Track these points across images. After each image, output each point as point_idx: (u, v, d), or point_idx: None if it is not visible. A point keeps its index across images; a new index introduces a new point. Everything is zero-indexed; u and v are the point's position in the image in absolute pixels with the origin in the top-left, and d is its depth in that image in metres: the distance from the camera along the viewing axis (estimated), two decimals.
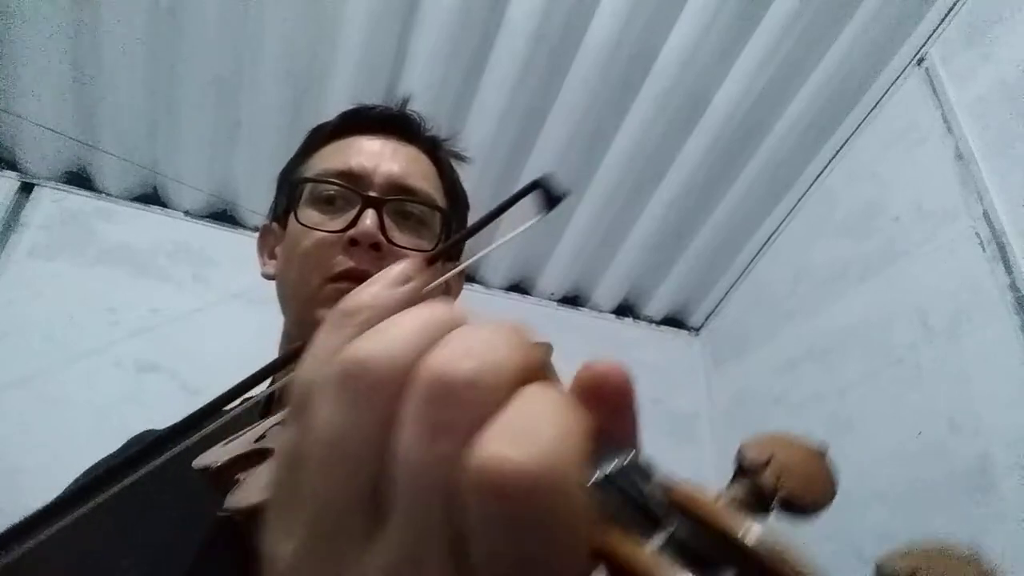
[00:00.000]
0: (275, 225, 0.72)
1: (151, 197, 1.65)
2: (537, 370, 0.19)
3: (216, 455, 0.51)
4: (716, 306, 1.90)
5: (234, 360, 0.73)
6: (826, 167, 1.59)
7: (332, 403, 0.18)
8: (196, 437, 0.34)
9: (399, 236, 0.62)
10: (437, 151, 0.73)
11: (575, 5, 1.36)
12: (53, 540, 0.29)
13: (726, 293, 1.87)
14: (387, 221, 0.62)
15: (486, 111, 1.48)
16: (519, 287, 1.87)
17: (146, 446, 0.31)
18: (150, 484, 0.35)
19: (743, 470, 0.19)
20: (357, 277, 0.59)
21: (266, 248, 0.74)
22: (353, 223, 0.60)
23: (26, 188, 1.57)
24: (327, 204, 0.64)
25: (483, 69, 1.44)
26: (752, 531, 0.16)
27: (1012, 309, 1.07)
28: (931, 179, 1.28)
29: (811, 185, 1.63)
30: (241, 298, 1.51)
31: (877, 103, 1.47)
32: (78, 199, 1.59)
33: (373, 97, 1.48)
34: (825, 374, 1.42)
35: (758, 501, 0.18)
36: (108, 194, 1.61)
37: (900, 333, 1.26)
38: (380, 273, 0.23)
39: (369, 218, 0.60)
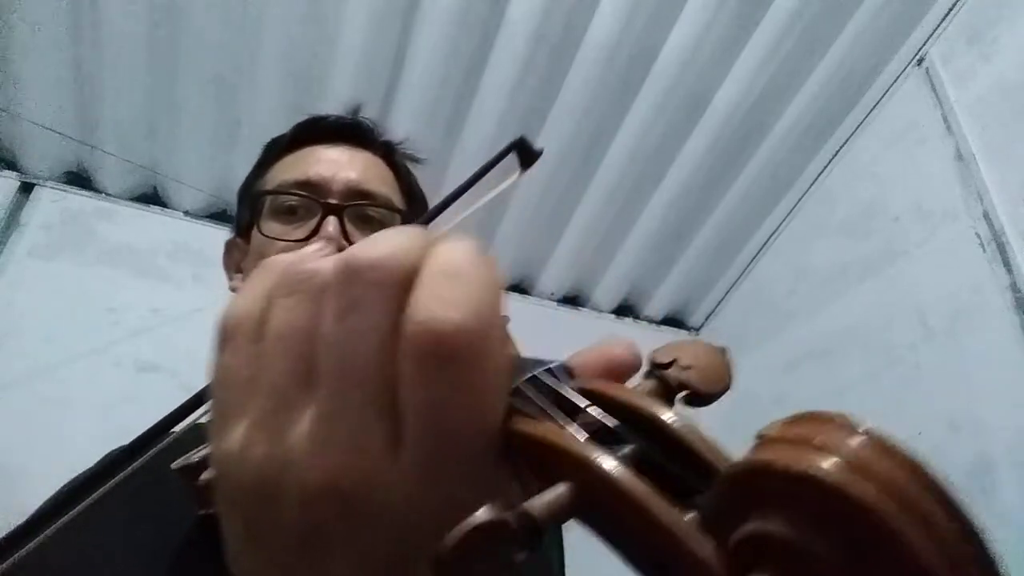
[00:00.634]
0: (239, 240, 0.74)
1: (151, 197, 1.65)
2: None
3: (191, 457, 0.52)
4: (716, 306, 1.90)
5: None
6: (826, 167, 1.59)
7: (284, 305, 0.21)
8: (164, 443, 0.35)
9: (360, 239, 0.63)
10: (392, 155, 0.75)
11: (575, 5, 1.36)
12: (35, 553, 0.30)
13: (726, 293, 1.87)
14: (349, 227, 0.63)
15: (486, 111, 1.48)
16: (519, 287, 1.87)
17: (112, 459, 0.33)
18: (127, 492, 0.36)
19: (651, 369, 0.21)
20: None
21: (232, 263, 0.76)
22: (315, 231, 0.62)
23: (26, 188, 1.57)
24: (289, 215, 0.65)
25: (483, 69, 1.44)
26: (659, 407, 0.18)
27: (1012, 309, 1.07)
28: (931, 179, 1.28)
29: (811, 185, 1.63)
30: None
31: (877, 103, 1.47)
32: (78, 199, 1.59)
33: (372, 98, 1.49)
34: (825, 374, 1.42)
35: (664, 394, 0.20)
36: (108, 194, 1.61)
37: (900, 333, 1.26)
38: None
39: (331, 225, 0.62)
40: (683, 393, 0.21)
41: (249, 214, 0.68)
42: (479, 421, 0.19)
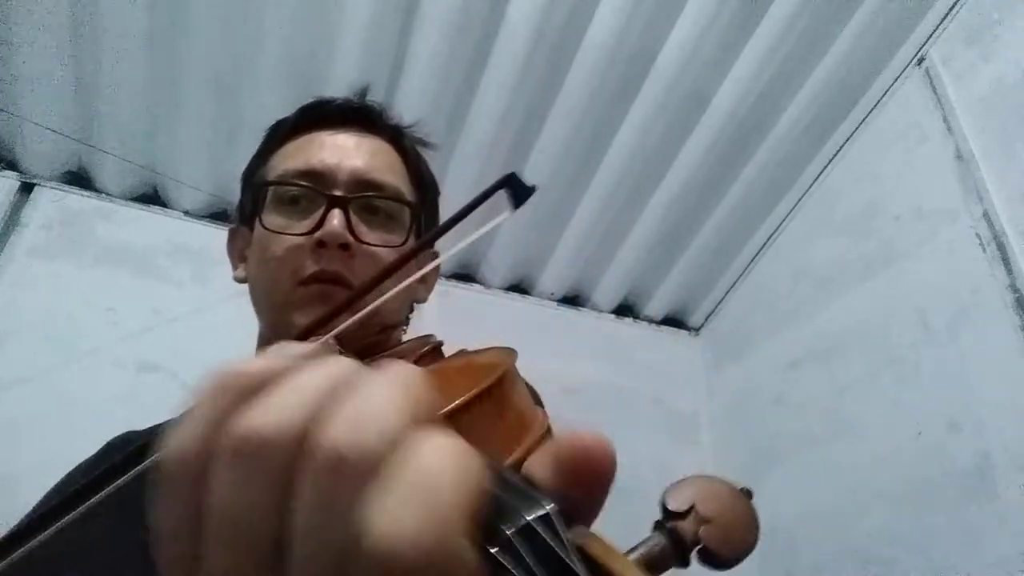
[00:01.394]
0: (242, 228, 0.71)
1: (151, 197, 1.65)
2: (429, 420, 0.19)
3: None
4: (716, 306, 1.90)
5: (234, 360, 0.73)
6: (826, 167, 1.59)
7: (228, 479, 0.18)
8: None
9: (367, 234, 0.61)
10: (401, 139, 0.71)
11: (575, 5, 1.36)
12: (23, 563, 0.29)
13: (726, 293, 1.87)
14: (354, 219, 0.60)
15: (486, 111, 1.48)
16: (519, 287, 1.87)
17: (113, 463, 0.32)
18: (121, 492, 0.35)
19: (664, 516, 0.19)
20: (327, 279, 0.59)
21: (235, 251, 0.73)
22: (319, 224, 0.59)
23: (26, 188, 1.57)
24: (292, 205, 0.62)
25: (483, 69, 1.44)
26: None
27: (1012, 309, 1.07)
28: (931, 179, 1.28)
29: (811, 185, 1.63)
30: (241, 298, 1.50)
31: (877, 103, 1.47)
32: (78, 199, 1.59)
33: (372, 97, 1.48)
34: (825, 374, 1.42)
35: (678, 551, 0.18)
36: (108, 194, 1.61)
37: (900, 333, 1.26)
38: (273, 349, 0.23)
39: (336, 218, 0.59)
40: (699, 547, 0.18)
41: (252, 204, 0.66)
42: None
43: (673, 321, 1.96)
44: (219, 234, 1.65)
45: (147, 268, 1.57)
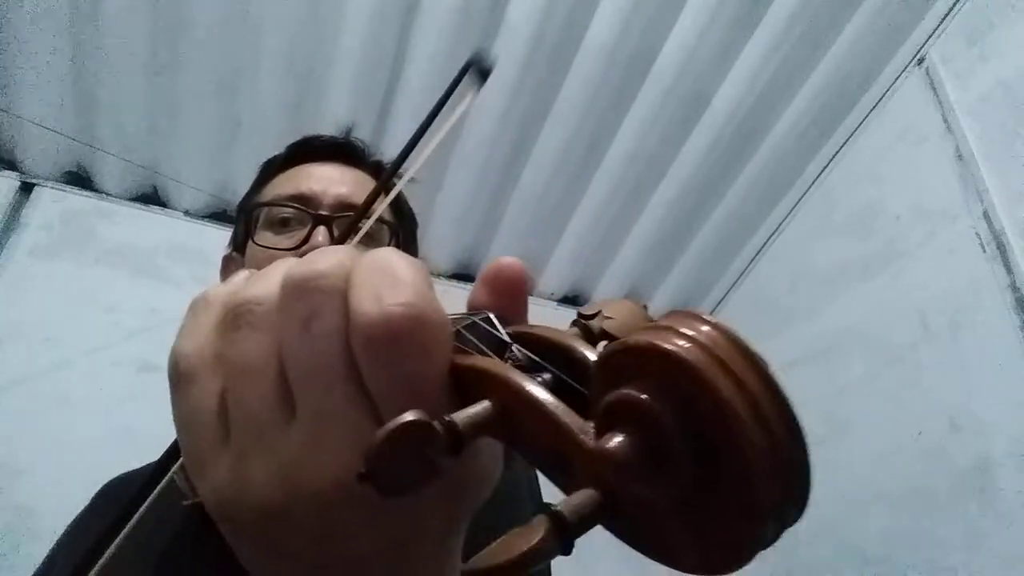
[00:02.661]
0: (235, 254, 0.77)
1: (151, 197, 1.65)
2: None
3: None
4: (716, 306, 1.90)
5: None
6: (826, 167, 1.59)
7: (237, 339, 0.22)
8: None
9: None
10: (382, 174, 0.77)
11: (575, 5, 1.36)
12: None
13: (726, 293, 1.87)
14: (337, 237, 0.64)
15: (486, 111, 1.48)
16: None
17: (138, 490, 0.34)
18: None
19: (577, 318, 0.24)
20: None
21: (227, 276, 0.76)
22: (305, 240, 0.65)
23: (26, 188, 1.57)
24: (281, 226, 0.68)
25: None
26: (575, 341, 0.21)
27: (1012, 309, 1.07)
28: (931, 179, 1.28)
29: (811, 185, 1.63)
30: None
31: (877, 103, 1.47)
32: (78, 199, 1.59)
33: (372, 98, 1.49)
34: (825, 374, 1.42)
35: (586, 339, 0.23)
36: (108, 194, 1.61)
37: (900, 333, 1.26)
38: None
39: (321, 235, 0.65)
40: (603, 342, 0.23)
41: (244, 228, 0.72)
42: (436, 380, 0.21)
43: None
44: (219, 234, 1.66)
45: (147, 268, 1.57)
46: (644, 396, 0.15)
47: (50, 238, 1.54)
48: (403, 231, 0.75)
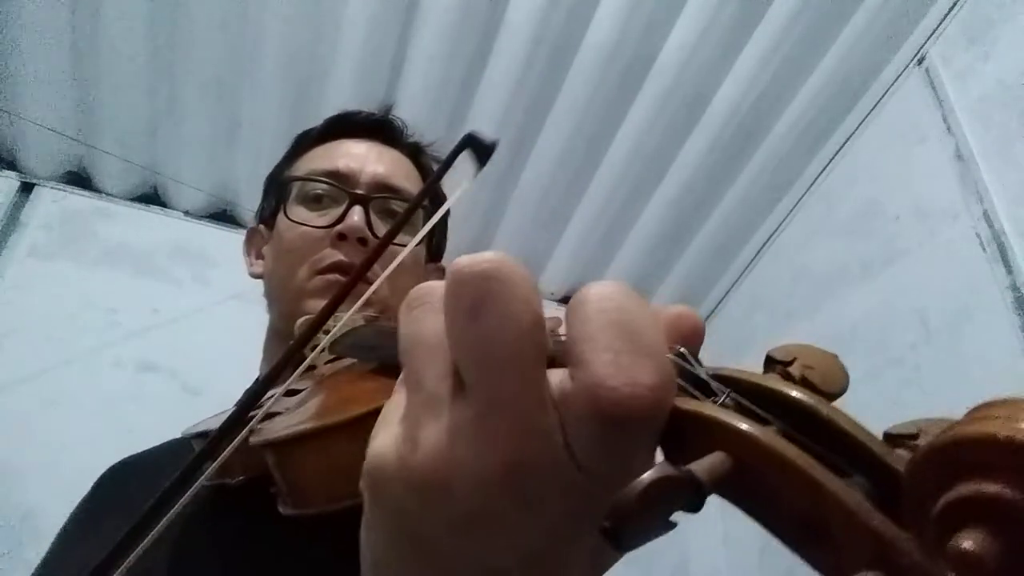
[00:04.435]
0: (262, 227, 0.75)
1: (151, 197, 1.65)
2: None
3: (209, 423, 0.52)
4: (716, 306, 1.90)
5: (234, 360, 0.73)
6: (826, 167, 1.59)
7: (414, 316, 0.23)
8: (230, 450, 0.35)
9: (384, 232, 0.63)
10: (420, 156, 0.76)
11: (575, 5, 1.36)
12: None
13: (726, 293, 1.87)
14: (373, 218, 0.64)
15: (486, 111, 1.48)
16: None
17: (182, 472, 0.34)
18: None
19: (771, 366, 0.22)
20: (344, 269, 0.62)
21: (253, 248, 0.76)
22: (341, 219, 0.63)
23: (26, 188, 1.57)
24: (315, 202, 0.67)
25: (483, 69, 1.44)
26: (797, 389, 0.19)
27: (1012, 309, 1.07)
28: (931, 179, 1.28)
29: (811, 185, 1.63)
30: (241, 298, 1.50)
31: (877, 103, 1.47)
32: (78, 199, 1.59)
33: (372, 98, 1.49)
34: None
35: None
36: (108, 194, 1.61)
37: (900, 333, 1.26)
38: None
39: (356, 214, 0.63)
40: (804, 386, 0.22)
41: (276, 200, 0.70)
42: (656, 431, 0.20)
43: None
44: (219, 234, 1.66)
45: (147, 268, 1.57)
46: (1011, 493, 0.14)
47: (50, 238, 1.54)
48: (439, 223, 0.74)
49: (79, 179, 1.61)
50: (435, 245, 0.75)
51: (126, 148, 1.53)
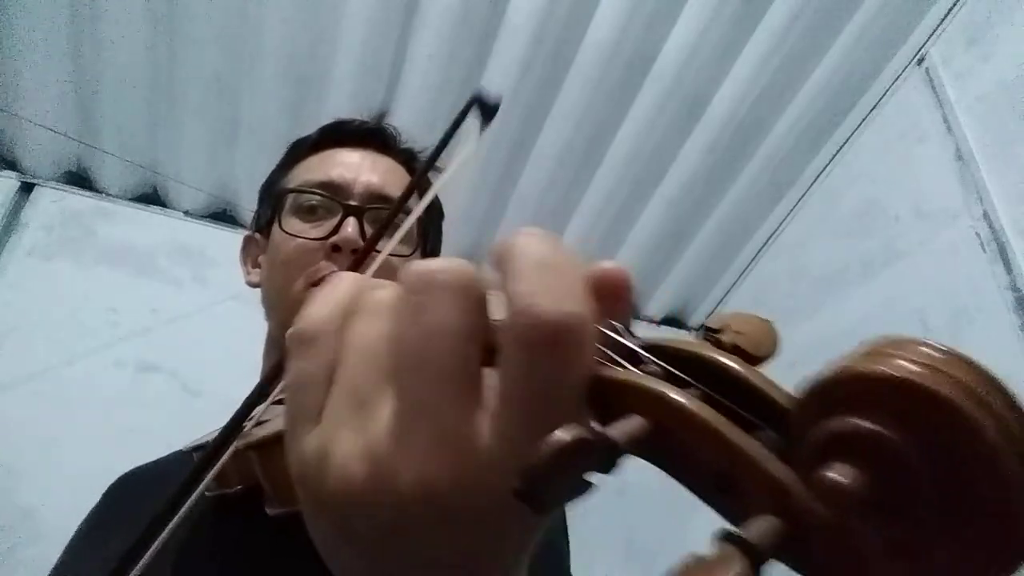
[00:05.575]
0: (258, 235, 0.75)
1: (151, 197, 1.65)
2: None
3: (207, 438, 0.52)
4: (716, 306, 1.90)
5: (234, 360, 0.73)
6: (826, 167, 1.59)
7: (356, 321, 0.23)
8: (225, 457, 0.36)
9: (381, 244, 0.64)
10: (413, 163, 0.76)
11: (575, 5, 1.36)
12: None
13: (726, 293, 1.87)
14: (367, 228, 0.64)
15: None
16: None
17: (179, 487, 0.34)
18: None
19: (705, 334, 0.23)
20: None
21: (249, 257, 0.77)
22: (335, 230, 0.63)
23: (26, 188, 1.57)
24: (309, 213, 0.67)
25: (483, 70, 1.44)
26: (719, 352, 0.20)
27: (1012, 309, 1.07)
28: (931, 179, 1.28)
29: (811, 185, 1.63)
30: (241, 298, 1.50)
31: (877, 103, 1.47)
32: (78, 199, 1.59)
33: (372, 98, 1.49)
34: None
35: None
36: (108, 194, 1.61)
37: (900, 333, 1.26)
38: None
39: (351, 226, 0.63)
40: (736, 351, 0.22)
41: (271, 211, 0.70)
42: (578, 388, 0.20)
43: (673, 321, 1.96)
44: (219, 234, 1.66)
45: (147, 268, 1.57)
46: (888, 430, 0.14)
47: (50, 238, 1.54)
48: (432, 226, 0.74)
49: (79, 179, 1.61)
50: (429, 248, 0.75)
51: (126, 148, 1.53)
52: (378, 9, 1.34)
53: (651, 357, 0.21)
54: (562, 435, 0.16)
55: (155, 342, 1.48)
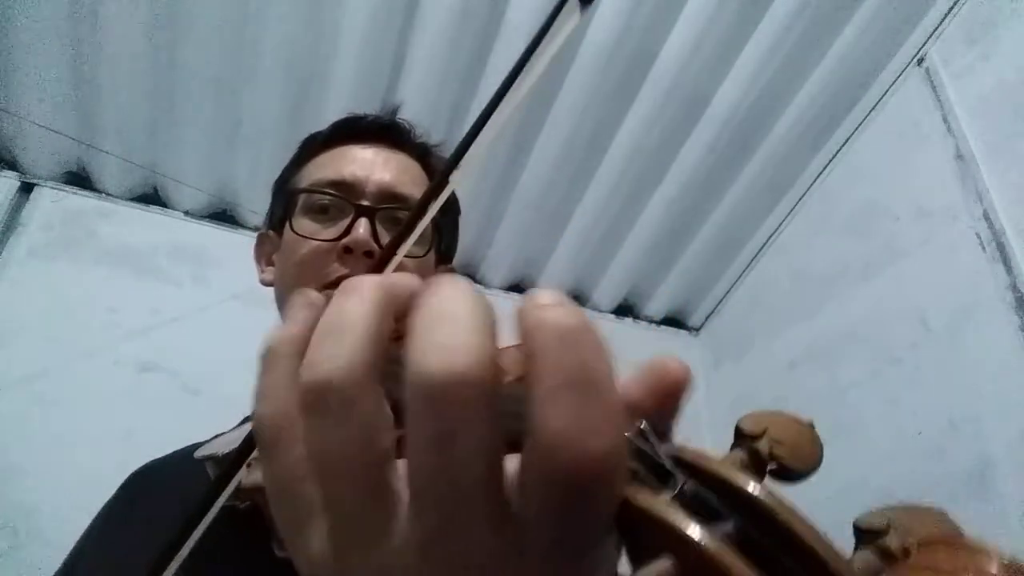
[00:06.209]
0: (271, 233, 0.74)
1: (151, 197, 1.65)
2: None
3: (217, 446, 0.52)
4: (716, 306, 1.90)
5: (234, 360, 0.73)
6: (826, 167, 1.59)
7: (316, 427, 0.20)
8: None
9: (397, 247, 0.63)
10: (427, 158, 0.75)
11: None
12: None
13: (726, 293, 1.87)
14: (380, 229, 0.63)
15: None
16: (519, 287, 1.87)
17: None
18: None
19: (740, 440, 0.21)
20: None
21: (263, 255, 0.76)
22: (347, 231, 0.62)
23: (26, 188, 1.57)
24: (321, 213, 0.65)
25: (483, 71, 1.44)
26: (755, 484, 0.17)
27: (1012, 309, 1.07)
28: (931, 179, 1.28)
29: (811, 185, 1.63)
30: (241, 298, 1.50)
31: (877, 103, 1.47)
32: (78, 199, 1.59)
33: (372, 98, 1.49)
34: (825, 374, 1.42)
35: (754, 467, 0.20)
36: (108, 194, 1.61)
37: (900, 333, 1.26)
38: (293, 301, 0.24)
39: (362, 227, 0.62)
40: (772, 466, 0.20)
41: (283, 210, 0.69)
42: (608, 518, 0.18)
43: (673, 321, 1.96)
44: (219, 234, 1.66)
45: (147, 268, 1.57)
46: None
47: (50, 238, 1.54)
48: (448, 225, 0.73)
49: (79, 179, 1.61)
50: (444, 247, 0.74)
51: (126, 148, 1.53)
52: (378, 9, 1.34)
53: (682, 475, 0.18)
54: None
55: (155, 342, 1.48)
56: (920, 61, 1.38)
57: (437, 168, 0.75)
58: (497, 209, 1.69)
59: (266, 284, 0.72)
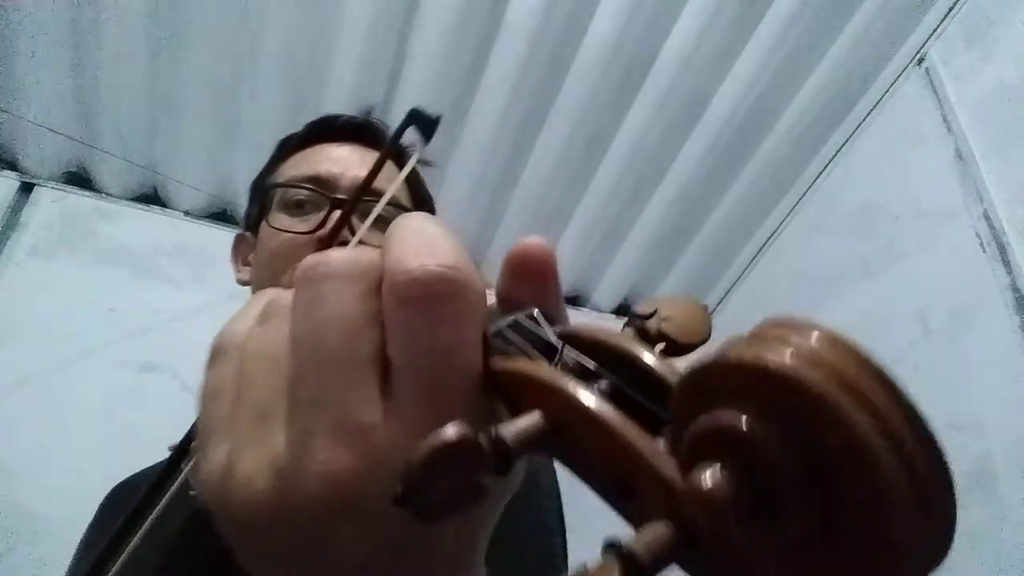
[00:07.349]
0: (248, 234, 0.75)
1: (151, 197, 1.65)
2: None
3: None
4: (716, 306, 1.90)
5: None
6: (826, 167, 1.59)
7: (262, 329, 0.22)
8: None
9: (367, 236, 0.62)
10: (402, 158, 0.74)
11: (575, 5, 1.36)
12: None
13: (726, 293, 1.87)
14: (355, 222, 0.63)
15: (486, 111, 1.48)
16: None
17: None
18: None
19: (632, 318, 0.22)
20: None
21: (239, 256, 0.77)
22: (322, 224, 0.63)
23: (26, 188, 1.57)
24: (297, 208, 0.66)
25: (483, 69, 1.44)
26: (633, 345, 0.18)
27: (1012, 309, 1.07)
28: (931, 179, 1.28)
29: (811, 185, 1.63)
30: (241, 298, 1.50)
31: (877, 103, 1.47)
32: (78, 199, 1.59)
33: (372, 98, 1.49)
34: None
35: (644, 340, 0.21)
36: (108, 194, 1.61)
37: (900, 333, 1.26)
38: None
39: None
40: (662, 344, 0.21)
41: (259, 208, 0.70)
42: (468, 356, 0.20)
43: None
44: (219, 234, 1.66)
45: (147, 268, 1.57)
46: (747, 425, 0.13)
47: (50, 238, 1.54)
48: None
49: (79, 179, 1.61)
50: None
51: (126, 148, 1.53)
52: (378, 9, 1.34)
53: (567, 348, 0.19)
54: (442, 434, 0.15)
55: (155, 342, 1.48)
56: (920, 61, 1.38)
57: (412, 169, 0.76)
58: (497, 209, 1.69)
59: (242, 283, 0.74)
